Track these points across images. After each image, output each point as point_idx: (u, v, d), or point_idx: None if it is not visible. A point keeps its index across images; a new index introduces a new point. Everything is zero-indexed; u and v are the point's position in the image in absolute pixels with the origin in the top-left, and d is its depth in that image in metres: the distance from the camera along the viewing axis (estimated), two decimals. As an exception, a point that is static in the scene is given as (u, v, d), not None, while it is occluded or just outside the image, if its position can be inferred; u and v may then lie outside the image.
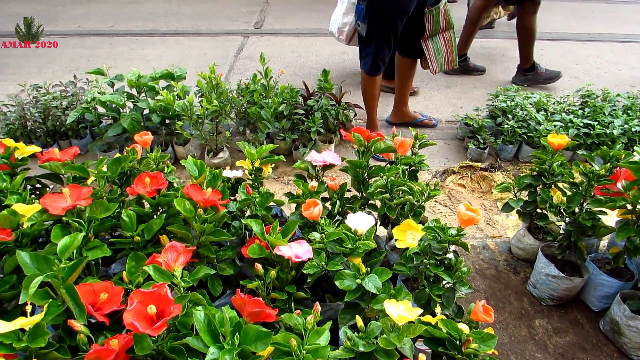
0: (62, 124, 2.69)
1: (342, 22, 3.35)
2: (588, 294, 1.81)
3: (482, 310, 1.22)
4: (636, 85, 3.76)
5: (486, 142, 2.77)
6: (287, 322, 1.12)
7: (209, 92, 2.56)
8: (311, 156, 1.70)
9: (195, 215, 1.35)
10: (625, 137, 2.62)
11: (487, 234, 2.23)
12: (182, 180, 2.46)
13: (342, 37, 3.43)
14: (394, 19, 2.56)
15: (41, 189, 1.71)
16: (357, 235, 1.38)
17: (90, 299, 1.14)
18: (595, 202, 1.62)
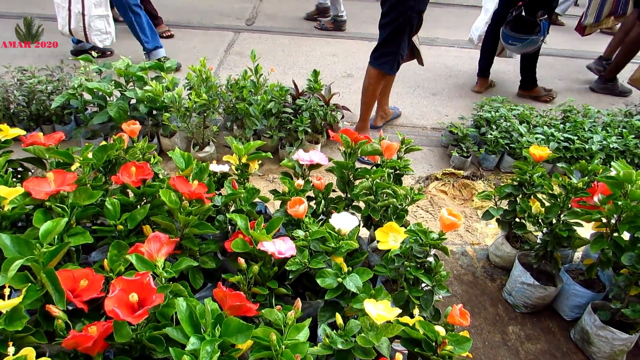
0: (46, 109, 2.65)
1: (484, 30, 3.75)
2: (561, 303, 1.86)
3: (458, 314, 1.25)
4: (615, 104, 3.87)
5: (469, 150, 2.82)
6: (268, 317, 1.13)
7: (198, 85, 2.55)
8: (298, 155, 1.71)
9: (180, 207, 1.35)
10: (603, 153, 2.69)
11: (466, 241, 2.27)
12: (167, 172, 2.45)
13: (480, 44, 3.81)
14: (415, 18, 2.69)
15: (23, 172, 1.68)
16: (340, 235, 1.40)
17: (69, 285, 1.13)
18: (572, 214, 1.67)
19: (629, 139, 2.74)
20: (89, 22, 3.40)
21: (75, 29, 3.43)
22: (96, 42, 3.51)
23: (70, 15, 3.37)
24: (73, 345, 1.01)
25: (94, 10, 3.40)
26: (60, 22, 3.44)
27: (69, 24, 3.40)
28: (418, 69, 4.27)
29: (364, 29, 5.18)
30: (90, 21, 3.40)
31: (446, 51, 4.77)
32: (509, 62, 4.26)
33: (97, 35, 3.49)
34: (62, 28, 3.46)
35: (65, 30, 3.46)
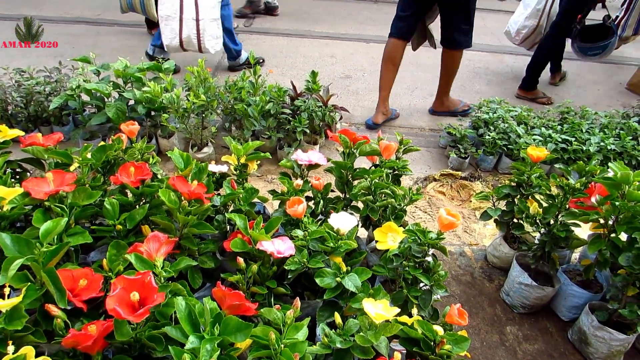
0: (44, 110, 2.65)
1: (523, 25, 3.93)
2: (558, 304, 1.86)
3: (456, 314, 1.26)
4: (613, 105, 3.89)
5: (467, 151, 2.83)
6: (267, 316, 1.14)
7: (196, 86, 2.55)
8: (297, 155, 1.71)
9: (179, 207, 1.36)
10: (600, 155, 2.71)
11: (464, 242, 2.28)
12: (165, 172, 2.45)
13: (518, 38, 4.01)
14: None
15: (21, 173, 1.68)
16: (339, 235, 1.41)
17: (69, 284, 1.13)
18: (570, 214, 1.68)
19: (627, 141, 2.75)
20: (203, 27, 3.29)
21: (188, 38, 3.32)
22: (209, 49, 3.40)
23: (182, 24, 3.26)
24: (73, 344, 1.01)
25: (209, 14, 3.30)
26: (167, 35, 3.33)
27: (180, 34, 3.29)
28: (416, 70, 4.29)
29: (362, 30, 5.20)
30: (205, 25, 3.29)
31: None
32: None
33: (210, 41, 3.39)
34: (170, 41, 3.35)
35: (175, 42, 3.34)
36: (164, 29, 3.33)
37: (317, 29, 5.14)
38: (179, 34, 3.29)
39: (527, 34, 3.94)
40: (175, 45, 3.38)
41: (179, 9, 3.22)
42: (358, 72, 4.15)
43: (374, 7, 6.16)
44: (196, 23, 3.25)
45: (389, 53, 3.22)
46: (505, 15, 6.21)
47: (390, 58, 3.22)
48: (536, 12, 3.84)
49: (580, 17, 3.51)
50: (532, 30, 3.90)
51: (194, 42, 3.34)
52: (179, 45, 3.38)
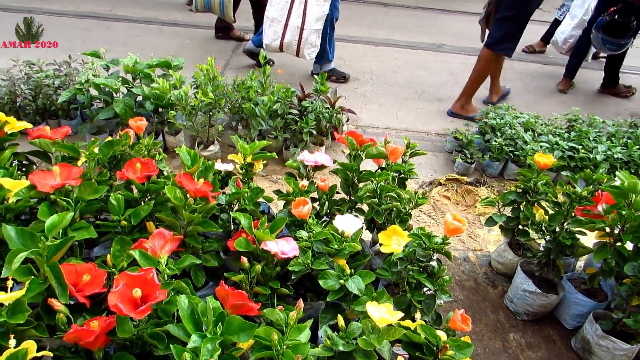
0: (52, 103, 2.66)
1: (570, 34, 4.18)
2: (562, 312, 1.85)
3: (460, 319, 1.25)
4: (621, 114, 3.86)
5: (473, 157, 2.82)
6: (269, 317, 1.13)
7: (205, 84, 2.55)
8: (303, 156, 1.71)
9: (185, 204, 1.36)
10: (607, 163, 2.69)
11: (468, 247, 2.27)
12: (171, 169, 2.45)
13: (564, 47, 4.25)
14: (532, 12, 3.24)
15: (28, 166, 1.69)
16: (343, 237, 1.40)
17: (72, 279, 1.14)
18: (576, 222, 1.67)
19: (634, 150, 2.73)
20: (306, 36, 3.37)
21: (289, 43, 3.40)
22: (305, 55, 3.46)
23: (286, 29, 3.35)
24: (74, 340, 1.01)
25: (314, 25, 3.36)
26: (270, 36, 3.42)
27: (281, 37, 3.37)
28: (424, 74, 4.28)
29: (371, 33, 5.19)
30: (307, 35, 3.36)
31: (452, 58, 4.77)
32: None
33: (308, 49, 3.45)
34: (271, 42, 3.44)
35: (275, 44, 3.43)
36: (267, 30, 3.42)
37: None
38: (281, 37, 3.39)
39: (573, 43, 4.17)
40: (275, 46, 3.46)
41: (286, 14, 3.32)
42: (366, 75, 4.14)
43: (383, 10, 6.15)
44: (300, 31, 3.35)
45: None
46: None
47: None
48: (582, 22, 4.06)
49: (612, 10, 3.60)
50: (576, 39, 4.12)
51: (294, 47, 3.43)
52: (278, 47, 3.46)
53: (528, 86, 4.29)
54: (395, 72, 4.26)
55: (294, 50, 3.43)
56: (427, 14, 6.19)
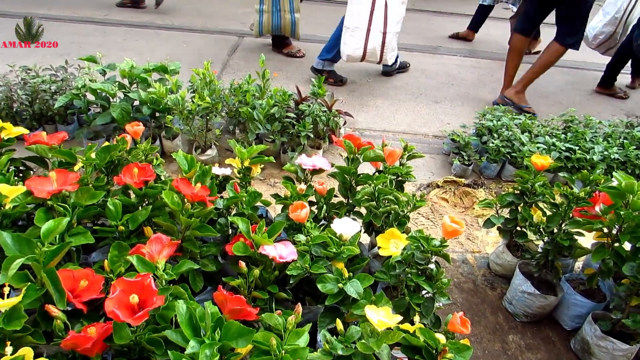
0: (49, 108, 2.65)
1: (600, 31, 4.24)
2: (561, 313, 1.85)
3: (459, 322, 1.25)
4: (617, 114, 3.88)
5: (471, 159, 2.82)
6: (268, 321, 1.13)
7: (201, 88, 2.55)
8: (301, 160, 1.71)
9: (182, 209, 1.35)
10: (604, 164, 2.69)
11: (466, 249, 2.27)
12: (168, 174, 2.44)
13: (594, 42, 4.32)
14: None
15: (24, 171, 1.68)
16: (342, 240, 1.40)
17: (69, 285, 1.13)
18: (574, 223, 1.67)
19: (630, 150, 2.74)
20: (389, 40, 3.41)
21: (373, 50, 3.42)
22: (387, 59, 3.54)
23: (369, 35, 3.37)
24: (72, 346, 1.00)
25: (395, 27, 3.42)
26: (352, 45, 3.43)
27: (364, 45, 3.38)
28: (421, 77, 4.29)
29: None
30: (390, 38, 3.42)
31: (449, 60, 4.79)
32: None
33: (390, 52, 3.51)
34: (354, 52, 3.45)
35: (358, 52, 3.44)
36: (349, 40, 3.42)
37: (322, 33, 5.13)
38: (364, 45, 3.39)
39: (603, 39, 4.26)
40: (358, 55, 3.47)
41: (368, 21, 3.33)
42: (363, 78, 4.15)
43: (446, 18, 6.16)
44: (383, 35, 3.37)
45: (514, 46, 3.69)
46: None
47: (516, 50, 3.69)
48: (614, 19, 4.13)
49: None
50: (608, 36, 4.21)
51: (377, 53, 3.45)
52: (361, 55, 3.47)
53: (524, 88, 4.30)
54: (392, 74, 4.26)
55: (377, 56, 3.46)
56: (422, 16, 6.22)
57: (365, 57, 3.50)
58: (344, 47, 3.48)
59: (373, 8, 3.30)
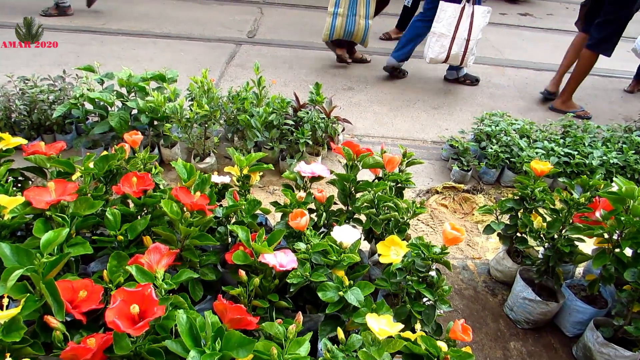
0: (47, 118, 2.65)
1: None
2: (563, 319, 1.84)
3: (460, 329, 1.24)
4: (615, 119, 3.89)
5: (470, 164, 2.82)
6: (268, 330, 1.12)
7: (200, 96, 2.56)
8: (300, 167, 1.71)
9: (181, 218, 1.35)
10: (603, 168, 2.70)
11: (467, 255, 2.26)
12: (167, 182, 2.44)
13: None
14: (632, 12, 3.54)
15: (23, 182, 1.68)
16: (342, 248, 1.40)
17: (68, 295, 1.12)
18: (574, 229, 1.67)
19: (629, 155, 2.75)
20: (471, 46, 3.71)
21: (456, 54, 3.73)
22: (468, 63, 3.85)
23: (453, 42, 3.67)
24: (71, 358, 0.99)
25: (478, 35, 3.70)
26: (436, 50, 3.75)
27: (449, 50, 3.71)
28: (418, 82, 4.31)
29: (365, 42, 5.21)
30: (472, 45, 3.71)
31: (445, 65, 4.79)
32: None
33: (470, 57, 3.82)
34: (437, 55, 3.77)
35: (442, 56, 3.75)
36: (434, 44, 3.75)
37: (319, 40, 5.16)
38: (448, 49, 3.72)
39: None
40: (440, 58, 3.80)
41: (454, 29, 3.65)
42: (361, 84, 4.16)
43: (377, 19, 6.18)
44: (466, 42, 3.69)
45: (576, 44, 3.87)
46: (508, 29, 6.26)
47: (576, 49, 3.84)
48: None
49: None
50: None
51: (459, 57, 3.77)
52: (444, 59, 3.80)
53: (521, 92, 4.32)
54: (390, 80, 4.28)
55: (459, 60, 3.79)
56: (420, 23, 6.24)
57: (447, 61, 3.82)
58: (429, 50, 3.81)
59: (460, 18, 3.63)
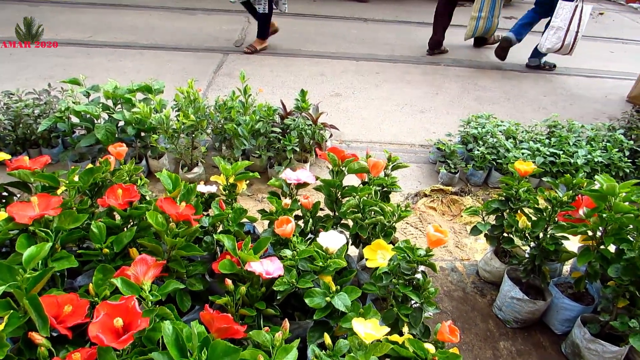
0: (32, 132, 2.64)
1: None
2: (551, 317, 1.86)
3: (447, 331, 1.25)
4: (599, 118, 3.94)
5: (457, 167, 2.85)
6: (256, 338, 1.12)
7: (186, 106, 2.56)
8: (286, 174, 1.72)
9: (167, 229, 1.35)
10: (588, 167, 2.73)
11: (456, 257, 2.28)
12: (154, 193, 2.44)
13: None
14: None
15: (7, 197, 1.66)
16: (328, 254, 1.40)
17: (53, 311, 1.12)
18: (558, 227, 1.69)
19: (613, 153, 2.78)
20: (579, 37, 4.41)
21: (568, 45, 4.43)
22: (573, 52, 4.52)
23: (567, 33, 4.37)
24: (56, 373, 0.99)
25: (585, 28, 4.38)
26: (553, 41, 4.44)
27: (563, 41, 4.40)
28: (406, 87, 4.34)
29: (352, 49, 5.25)
30: (579, 36, 4.40)
31: (433, 69, 4.84)
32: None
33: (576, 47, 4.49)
34: (553, 45, 4.47)
35: (557, 46, 4.46)
36: (552, 36, 4.46)
37: (307, 48, 5.19)
38: (562, 40, 4.42)
39: None
40: (555, 48, 4.51)
41: (568, 22, 4.34)
42: (348, 89, 4.19)
43: (364, 26, 6.24)
44: (575, 34, 4.39)
45: None
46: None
47: None
48: None
49: None
50: None
51: (569, 47, 4.47)
52: (558, 48, 4.50)
53: (508, 94, 4.36)
54: (377, 86, 4.31)
55: (568, 49, 4.49)
56: (405, 27, 6.30)
57: (560, 50, 4.51)
58: (546, 41, 4.51)
59: (573, 14, 4.32)
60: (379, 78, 4.50)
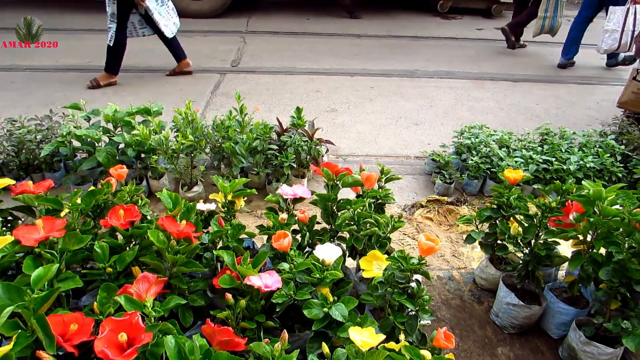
0: (35, 157, 2.70)
1: None
2: (547, 322, 1.89)
3: (443, 337, 1.29)
4: (592, 124, 4.00)
5: (452, 177, 2.90)
6: (256, 350, 1.16)
7: (184, 127, 2.62)
8: (282, 189, 1.77)
9: (168, 247, 1.39)
10: (581, 173, 2.78)
11: (452, 266, 2.31)
12: (156, 213, 2.48)
13: None
14: None
15: (12, 221, 1.71)
16: (325, 266, 1.44)
17: (60, 329, 1.16)
18: (549, 233, 1.73)
19: (605, 158, 2.83)
20: (635, 36, 4.58)
21: (624, 44, 4.69)
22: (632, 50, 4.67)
23: (622, 34, 4.66)
24: (64, 389, 1.03)
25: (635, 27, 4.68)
26: (609, 42, 4.75)
27: (619, 41, 4.69)
28: (400, 100, 4.41)
29: (346, 64, 5.35)
30: (635, 35, 4.58)
31: (426, 82, 4.92)
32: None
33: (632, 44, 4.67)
34: (610, 46, 4.77)
35: (613, 47, 4.75)
36: (607, 39, 4.77)
37: (302, 65, 5.29)
38: (618, 41, 4.71)
39: None
40: (613, 48, 4.80)
41: (622, 24, 4.66)
42: (343, 105, 4.26)
43: (357, 41, 6.35)
44: (632, 33, 4.65)
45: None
46: (485, 43, 6.43)
47: None
48: None
49: None
50: None
51: (626, 47, 4.74)
52: (616, 48, 4.78)
53: (501, 104, 4.43)
54: (372, 100, 4.38)
55: (627, 47, 4.74)
56: (398, 41, 6.41)
57: (618, 49, 4.80)
58: (602, 44, 4.82)
59: (626, 17, 4.64)
60: (373, 92, 4.58)
